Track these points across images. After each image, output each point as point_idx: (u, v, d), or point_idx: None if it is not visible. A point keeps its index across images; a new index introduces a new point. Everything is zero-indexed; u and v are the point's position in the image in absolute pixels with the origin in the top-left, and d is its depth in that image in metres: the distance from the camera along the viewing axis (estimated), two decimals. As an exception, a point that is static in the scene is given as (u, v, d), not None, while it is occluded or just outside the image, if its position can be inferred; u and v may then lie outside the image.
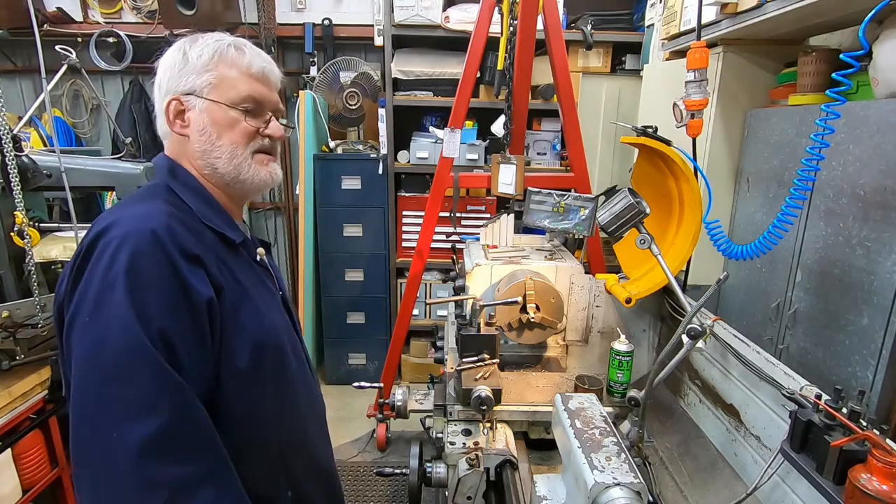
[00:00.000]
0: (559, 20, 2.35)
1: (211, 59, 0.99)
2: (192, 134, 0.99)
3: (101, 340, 0.80)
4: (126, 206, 0.92)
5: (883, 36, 1.61)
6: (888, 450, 0.92)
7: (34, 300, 1.67)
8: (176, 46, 1.01)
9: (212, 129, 0.99)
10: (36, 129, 3.53)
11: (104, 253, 0.82)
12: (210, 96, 0.98)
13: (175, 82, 0.98)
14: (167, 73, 0.99)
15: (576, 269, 1.85)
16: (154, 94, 1.02)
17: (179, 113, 0.99)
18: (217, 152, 1.00)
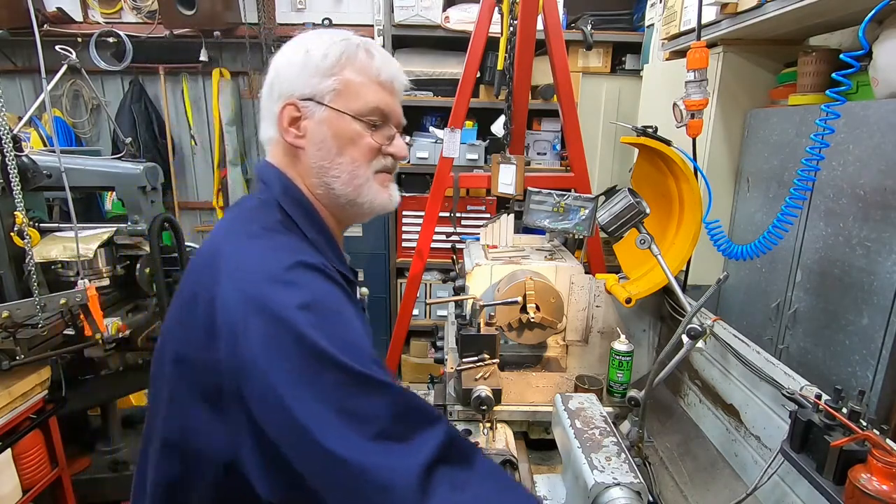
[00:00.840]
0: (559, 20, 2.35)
1: (338, 62, 0.85)
2: (307, 146, 0.87)
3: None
4: (245, 240, 0.78)
5: (883, 36, 1.61)
6: (888, 450, 0.92)
7: (34, 300, 1.67)
8: (296, 43, 0.88)
9: (332, 143, 0.86)
10: (36, 129, 3.53)
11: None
12: (333, 104, 0.85)
13: (293, 84, 0.86)
14: (284, 73, 0.87)
15: (576, 269, 1.84)
16: (263, 94, 0.91)
17: (294, 120, 0.86)
18: (336, 170, 0.87)
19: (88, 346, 1.89)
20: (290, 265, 0.72)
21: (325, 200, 0.90)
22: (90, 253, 1.94)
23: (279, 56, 0.89)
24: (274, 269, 0.71)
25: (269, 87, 0.89)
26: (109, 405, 2.42)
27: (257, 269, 0.72)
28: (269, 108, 0.89)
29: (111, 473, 2.36)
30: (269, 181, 0.88)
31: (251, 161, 4.09)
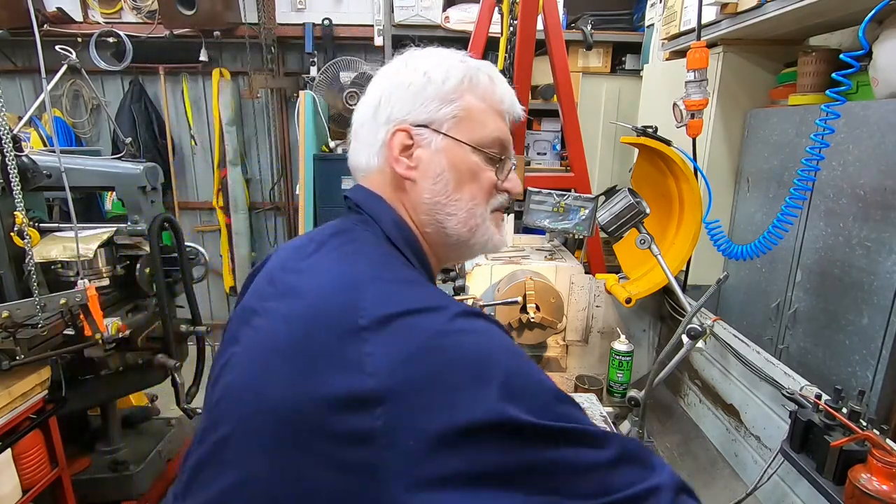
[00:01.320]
0: (559, 20, 2.34)
1: (459, 85, 0.77)
2: (420, 179, 0.77)
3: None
4: (391, 287, 0.65)
5: (883, 36, 1.61)
6: (888, 450, 0.92)
7: (34, 300, 1.66)
8: (410, 62, 0.80)
9: (449, 176, 0.77)
10: (36, 129, 3.52)
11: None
12: (453, 133, 0.77)
13: (408, 108, 0.77)
14: (397, 95, 0.78)
15: (576, 269, 1.85)
16: (361, 116, 0.82)
17: (406, 148, 0.77)
18: (452, 207, 0.77)
19: (88, 346, 1.89)
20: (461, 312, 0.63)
21: (433, 239, 0.80)
22: (90, 253, 1.93)
23: (388, 76, 0.81)
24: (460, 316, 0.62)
25: (373, 109, 0.80)
26: (109, 405, 2.41)
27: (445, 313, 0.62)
28: (371, 131, 0.79)
29: (111, 473, 2.36)
30: (378, 215, 0.77)
31: (251, 161, 4.09)
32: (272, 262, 0.81)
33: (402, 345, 0.57)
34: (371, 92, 0.82)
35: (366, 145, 0.80)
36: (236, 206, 3.99)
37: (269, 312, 0.69)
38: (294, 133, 3.80)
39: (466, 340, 0.59)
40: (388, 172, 0.79)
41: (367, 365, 0.56)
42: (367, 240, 0.74)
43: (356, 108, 0.84)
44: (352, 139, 0.84)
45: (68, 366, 1.95)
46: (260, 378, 0.63)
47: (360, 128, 0.82)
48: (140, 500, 2.39)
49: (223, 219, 4.11)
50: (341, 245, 0.73)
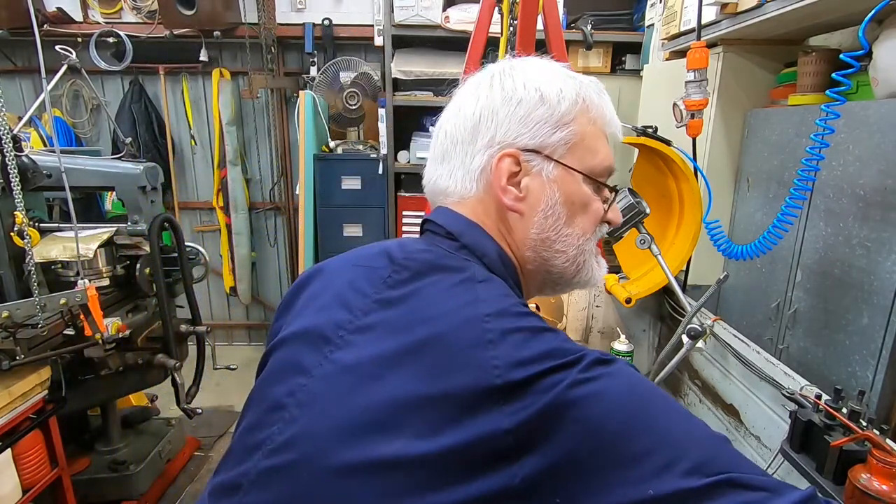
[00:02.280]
0: (559, 20, 2.34)
1: (574, 106, 0.69)
2: (529, 211, 0.69)
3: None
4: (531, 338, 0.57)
5: (883, 36, 1.61)
6: (888, 450, 0.92)
7: (34, 300, 1.66)
8: (514, 75, 0.71)
9: (561, 209, 0.69)
10: (36, 129, 3.53)
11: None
12: (566, 160, 0.69)
13: (516, 129, 0.68)
14: (503, 113, 0.69)
15: (576, 269, 1.85)
16: (453, 131, 0.72)
17: (513, 175, 0.68)
18: (561, 244, 0.70)
19: (88, 346, 1.89)
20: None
21: (531, 276, 0.73)
22: (90, 253, 1.93)
23: (488, 88, 0.71)
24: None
25: (471, 126, 0.70)
26: (109, 405, 2.42)
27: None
28: (467, 151, 0.70)
29: (111, 473, 2.36)
30: (484, 249, 0.68)
31: (251, 161, 4.09)
32: (338, 279, 0.70)
33: (550, 385, 0.52)
34: (467, 105, 0.72)
35: (459, 168, 0.71)
36: (236, 206, 3.99)
37: (353, 346, 0.61)
38: (294, 133, 3.79)
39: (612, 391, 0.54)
40: (490, 202, 0.70)
41: (505, 423, 0.51)
42: (482, 278, 0.64)
43: (444, 121, 0.74)
44: (437, 157, 0.74)
45: (68, 366, 1.95)
46: (363, 429, 0.55)
47: (452, 146, 0.72)
48: (140, 500, 2.39)
49: (223, 219, 4.11)
50: (451, 279, 0.63)
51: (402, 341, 0.58)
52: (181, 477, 2.74)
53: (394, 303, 0.62)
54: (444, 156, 0.73)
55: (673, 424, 0.54)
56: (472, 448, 0.51)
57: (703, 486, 0.49)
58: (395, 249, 0.70)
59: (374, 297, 0.64)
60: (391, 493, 0.52)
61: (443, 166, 0.73)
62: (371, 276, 0.67)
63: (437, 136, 0.75)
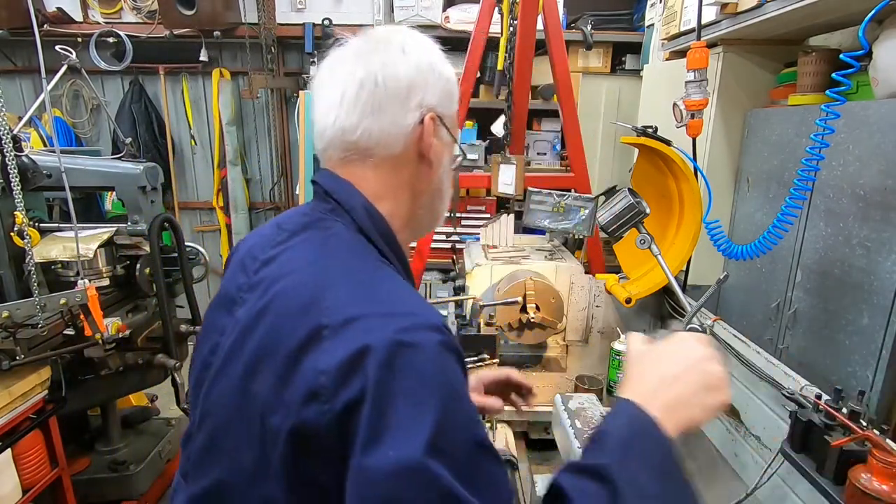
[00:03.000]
0: (559, 20, 2.34)
1: (454, 85, 0.80)
2: (435, 164, 0.79)
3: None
4: (357, 285, 0.66)
5: (883, 36, 1.61)
6: (888, 450, 0.92)
7: (34, 300, 1.66)
8: (427, 50, 0.78)
9: (448, 167, 0.82)
10: (36, 129, 3.53)
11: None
12: (453, 131, 0.81)
13: (438, 97, 0.76)
14: (432, 80, 0.76)
15: (576, 269, 1.84)
16: (383, 90, 0.73)
17: (435, 131, 0.76)
18: (443, 195, 0.84)
19: (88, 346, 1.89)
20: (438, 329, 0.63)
21: (420, 224, 0.84)
22: (90, 253, 1.93)
23: (422, 55, 0.76)
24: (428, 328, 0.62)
25: (406, 85, 0.74)
26: (109, 405, 2.42)
27: (408, 314, 0.63)
28: (396, 107, 0.74)
29: (111, 473, 2.36)
30: (351, 204, 0.75)
31: (251, 161, 4.09)
32: (242, 248, 0.82)
33: (353, 348, 0.58)
34: (395, 64, 0.74)
35: (393, 122, 0.74)
36: (236, 205, 4.00)
37: (245, 303, 0.71)
38: (294, 133, 3.80)
39: (416, 359, 0.59)
40: (405, 158, 0.76)
41: (325, 365, 0.59)
42: (339, 236, 0.73)
43: (381, 68, 0.74)
44: (364, 106, 0.73)
45: (68, 366, 1.95)
46: (243, 377, 0.66)
47: (388, 99, 0.73)
48: (140, 500, 2.39)
49: (223, 219, 4.11)
50: (312, 237, 0.73)
51: (266, 299, 0.68)
52: (181, 477, 2.74)
53: (270, 262, 0.73)
54: (379, 107, 0.73)
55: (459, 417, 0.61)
56: (296, 390, 0.59)
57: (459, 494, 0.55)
58: (283, 216, 0.82)
59: (260, 258, 0.74)
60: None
61: (378, 119, 0.73)
62: (263, 242, 0.77)
63: (357, 81, 0.74)
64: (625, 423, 0.66)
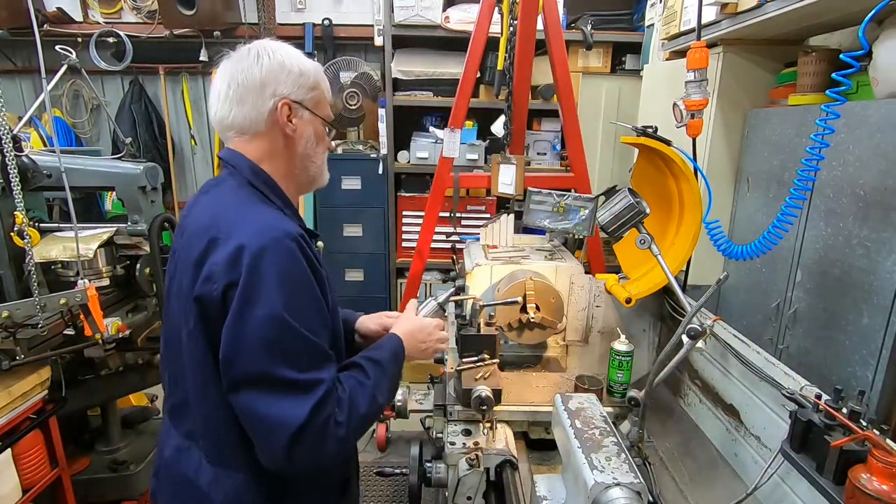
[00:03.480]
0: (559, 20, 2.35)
1: (316, 79, 1.13)
2: (297, 138, 1.10)
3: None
4: (239, 211, 1.01)
5: (883, 36, 1.61)
6: (888, 450, 0.92)
7: (34, 300, 1.66)
8: (272, 54, 1.07)
9: (313, 138, 1.13)
10: (36, 129, 3.52)
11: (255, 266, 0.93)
12: (315, 110, 1.12)
13: (287, 88, 1.06)
14: (282, 76, 1.06)
15: (576, 269, 1.85)
16: (244, 89, 1.05)
17: (289, 116, 1.08)
18: (314, 157, 1.15)
19: (88, 346, 1.89)
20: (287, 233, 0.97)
21: (297, 179, 1.16)
22: (90, 253, 1.93)
23: (266, 62, 1.05)
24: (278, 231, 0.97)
25: (259, 82, 1.04)
26: (109, 405, 2.41)
27: (268, 228, 0.97)
28: (254, 99, 1.05)
29: (111, 473, 2.36)
30: (240, 166, 1.08)
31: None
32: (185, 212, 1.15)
33: (233, 247, 0.94)
34: (251, 68, 1.05)
35: (252, 109, 1.05)
36: (236, 206, 4.00)
37: (176, 244, 1.10)
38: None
39: (275, 254, 0.94)
40: (271, 134, 1.08)
41: (216, 260, 0.94)
42: (230, 185, 1.07)
43: (240, 72, 1.05)
44: (232, 100, 1.05)
45: (68, 366, 1.95)
46: (177, 286, 1.03)
47: (247, 92, 1.05)
48: (140, 500, 2.39)
49: (223, 219, 4.12)
50: (213, 192, 1.10)
51: (185, 235, 1.05)
52: (181, 477, 2.74)
53: (188, 214, 1.11)
54: (241, 99, 1.05)
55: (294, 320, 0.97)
56: (200, 276, 0.96)
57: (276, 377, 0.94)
58: (212, 179, 1.17)
59: (188, 209, 1.13)
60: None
61: (241, 108, 1.06)
62: (194, 199, 1.15)
63: (228, 83, 1.06)
64: (394, 342, 1.22)
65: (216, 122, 1.10)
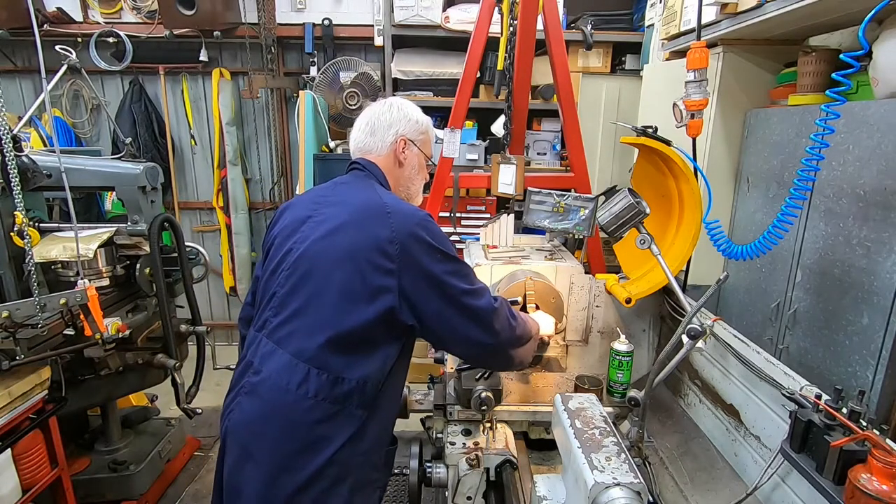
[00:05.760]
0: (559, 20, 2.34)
1: (427, 128, 1.50)
2: (405, 165, 1.46)
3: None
4: (391, 199, 1.31)
5: (883, 36, 1.61)
6: (888, 450, 0.92)
7: (34, 300, 1.66)
8: (400, 107, 1.46)
9: (416, 167, 1.50)
10: (36, 129, 3.52)
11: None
12: (422, 148, 1.49)
13: (407, 130, 1.44)
14: (403, 122, 1.44)
15: (576, 269, 1.84)
16: (376, 122, 1.44)
17: (404, 149, 1.44)
18: (414, 180, 1.51)
19: (88, 346, 1.89)
20: (426, 214, 1.29)
21: (402, 192, 1.48)
22: (90, 253, 1.94)
23: (400, 110, 1.45)
24: (422, 212, 1.29)
25: (386, 122, 1.43)
26: (109, 405, 2.42)
27: (415, 213, 1.27)
28: (382, 133, 1.43)
29: (111, 473, 2.36)
30: (375, 174, 1.42)
31: (251, 161, 4.09)
32: (301, 202, 1.41)
33: (405, 219, 1.24)
34: (384, 113, 1.45)
35: (380, 140, 1.44)
36: (236, 206, 3.99)
37: (326, 212, 1.31)
38: (294, 133, 3.79)
39: (433, 227, 1.27)
40: (389, 158, 1.45)
41: (393, 226, 1.22)
42: (373, 182, 1.39)
43: (376, 115, 1.45)
44: (366, 132, 1.45)
45: (68, 366, 1.95)
46: (332, 237, 1.25)
47: (374, 130, 1.45)
48: (140, 500, 2.39)
49: (223, 219, 4.11)
50: (359, 183, 1.39)
51: (341, 212, 1.29)
52: (181, 477, 2.74)
53: (337, 194, 1.37)
54: (372, 131, 1.44)
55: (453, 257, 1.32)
56: (381, 235, 1.25)
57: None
58: (323, 185, 1.47)
59: (328, 196, 1.38)
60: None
61: (372, 138, 1.44)
62: (321, 191, 1.43)
63: (367, 121, 1.46)
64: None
65: (353, 143, 1.48)
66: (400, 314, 1.22)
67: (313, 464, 1.17)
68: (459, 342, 1.31)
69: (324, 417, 1.19)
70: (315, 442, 1.19)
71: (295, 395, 1.18)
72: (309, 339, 1.21)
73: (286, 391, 1.19)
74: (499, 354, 1.36)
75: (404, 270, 1.20)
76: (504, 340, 1.33)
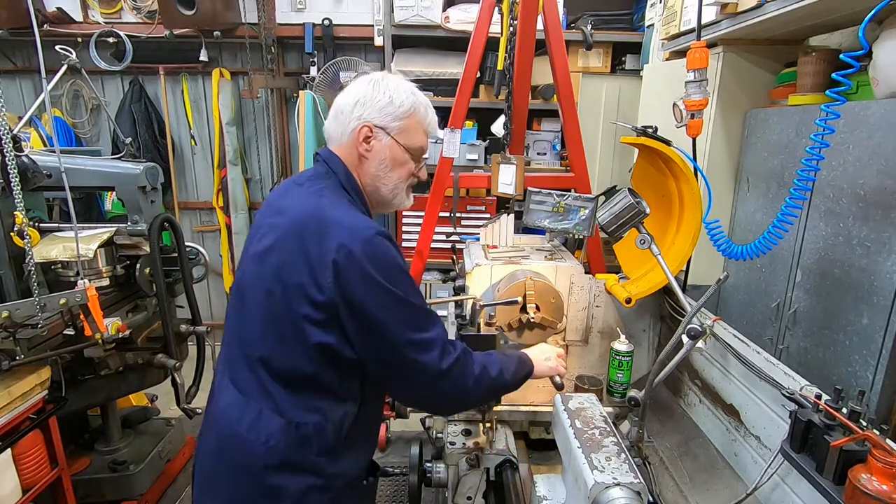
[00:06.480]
0: (559, 20, 2.34)
1: (408, 111, 1.19)
2: (371, 159, 1.20)
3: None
4: (338, 211, 1.11)
5: (883, 36, 1.61)
6: (888, 450, 0.92)
7: (34, 300, 1.66)
8: (378, 83, 1.19)
9: (388, 163, 1.20)
10: (36, 129, 3.52)
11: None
12: (398, 138, 1.19)
13: (372, 113, 1.17)
14: (369, 103, 1.17)
15: (576, 269, 1.84)
16: (343, 104, 1.20)
17: (367, 138, 1.18)
18: (385, 180, 1.22)
19: (88, 346, 1.89)
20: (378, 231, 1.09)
21: (372, 195, 1.24)
22: (90, 253, 1.93)
23: (363, 87, 1.19)
24: (371, 230, 1.08)
25: (352, 104, 1.18)
26: (109, 405, 2.42)
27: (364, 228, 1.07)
28: (345, 119, 1.19)
29: (111, 473, 2.36)
30: (337, 170, 1.20)
31: (251, 161, 4.09)
32: (266, 204, 1.26)
33: (345, 240, 1.04)
34: (352, 92, 1.20)
35: (341, 125, 1.20)
36: (236, 205, 3.99)
37: (268, 223, 1.17)
38: (294, 133, 3.79)
39: (380, 252, 1.07)
40: (352, 148, 1.20)
41: (327, 248, 1.04)
42: (328, 185, 1.19)
43: (342, 95, 1.22)
44: (332, 116, 1.22)
45: (68, 366, 1.95)
46: (264, 257, 1.12)
47: (339, 112, 1.20)
48: (140, 500, 2.39)
49: (223, 219, 4.11)
50: (314, 185, 1.19)
51: (278, 225, 1.14)
52: (181, 477, 2.74)
53: (279, 201, 1.21)
54: (336, 117, 1.21)
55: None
56: (316, 258, 1.07)
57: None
58: (300, 173, 1.29)
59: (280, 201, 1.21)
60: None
61: (335, 123, 1.21)
62: (284, 189, 1.26)
63: (337, 101, 1.22)
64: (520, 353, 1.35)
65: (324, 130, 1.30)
66: (342, 351, 1.06)
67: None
68: (404, 396, 1.22)
69: (278, 464, 1.07)
70: (270, 491, 1.07)
71: (246, 437, 1.08)
72: (251, 373, 1.10)
73: (236, 431, 1.09)
74: (458, 408, 1.29)
75: (340, 304, 1.02)
76: (456, 401, 1.20)
